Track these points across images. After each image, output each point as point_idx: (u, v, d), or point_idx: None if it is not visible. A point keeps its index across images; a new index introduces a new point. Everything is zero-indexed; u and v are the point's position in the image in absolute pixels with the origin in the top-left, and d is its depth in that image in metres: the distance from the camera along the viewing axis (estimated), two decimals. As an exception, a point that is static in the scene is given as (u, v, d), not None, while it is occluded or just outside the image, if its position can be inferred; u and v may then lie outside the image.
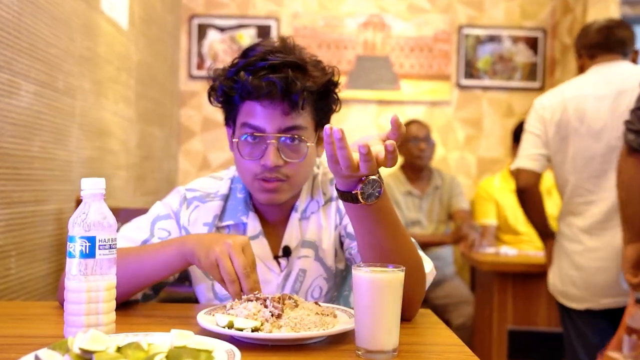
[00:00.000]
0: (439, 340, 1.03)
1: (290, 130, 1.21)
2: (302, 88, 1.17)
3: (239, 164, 1.26)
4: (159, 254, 1.16)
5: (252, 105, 1.20)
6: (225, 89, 1.22)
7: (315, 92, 1.21)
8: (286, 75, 1.16)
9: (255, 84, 1.17)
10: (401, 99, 3.96)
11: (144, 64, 2.98)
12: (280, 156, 1.21)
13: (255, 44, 1.24)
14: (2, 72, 1.60)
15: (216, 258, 1.06)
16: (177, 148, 3.80)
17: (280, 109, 1.19)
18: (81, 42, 2.14)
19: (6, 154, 1.62)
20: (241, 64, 1.21)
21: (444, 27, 3.99)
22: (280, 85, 1.16)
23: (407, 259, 1.07)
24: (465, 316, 3.10)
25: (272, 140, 1.20)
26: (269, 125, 1.20)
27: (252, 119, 1.21)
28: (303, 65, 1.21)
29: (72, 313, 0.91)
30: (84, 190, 0.93)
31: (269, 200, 1.26)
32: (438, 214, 3.39)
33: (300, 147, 1.23)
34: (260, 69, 1.18)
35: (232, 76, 1.21)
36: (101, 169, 2.38)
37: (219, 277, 1.08)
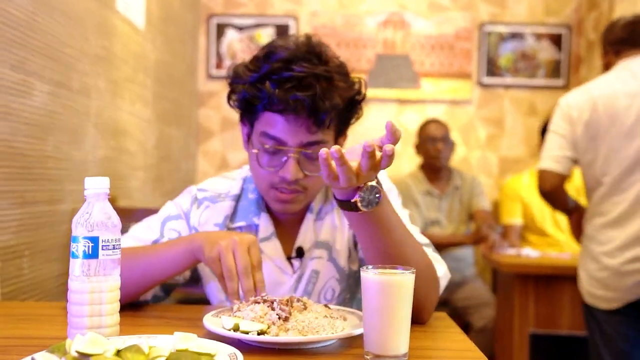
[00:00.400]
0: (452, 345, 1.00)
1: (312, 145, 1.17)
2: (330, 107, 1.13)
3: (255, 170, 1.23)
4: (167, 251, 1.14)
5: (275, 116, 1.16)
6: (248, 96, 1.18)
7: (342, 108, 1.18)
8: (314, 94, 1.12)
9: (281, 98, 1.12)
10: (421, 98, 3.91)
11: (162, 63, 2.98)
12: (301, 169, 1.18)
13: (279, 46, 1.18)
14: (16, 71, 1.60)
15: (219, 252, 1.04)
16: (196, 148, 3.80)
17: (305, 126, 1.15)
18: (96, 42, 2.14)
19: (19, 153, 1.62)
20: (264, 70, 1.16)
21: (465, 25, 3.93)
22: (307, 103, 1.12)
23: (415, 262, 1.04)
24: (486, 319, 3.04)
25: (293, 154, 1.17)
26: (291, 139, 1.16)
27: (273, 130, 1.17)
28: (330, 76, 1.16)
29: (75, 314, 0.89)
30: (88, 190, 0.91)
31: (283, 210, 1.24)
32: (458, 214, 3.34)
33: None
34: (286, 81, 1.13)
35: (256, 83, 1.16)
36: (117, 169, 2.37)
37: (220, 273, 1.05)
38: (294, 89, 1.12)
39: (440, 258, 1.19)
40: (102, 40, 2.19)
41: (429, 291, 1.08)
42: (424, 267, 1.07)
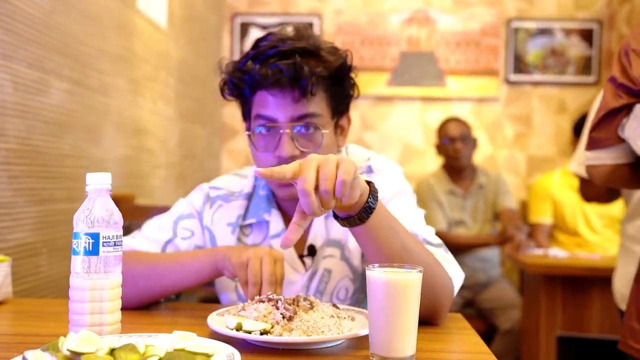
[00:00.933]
0: (465, 348, 0.96)
1: (303, 118, 1.16)
2: (310, 73, 1.13)
3: (255, 158, 1.22)
4: (189, 263, 1.14)
5: (263, 95, 1.16)
6: (234, 81, 1.18)
7: (328, 77, 1.17)
8: (294, 62, 1.12)
9: (262, 73, 1.13)
10: (447, 96, 3.85)
11: (185, 62, 2.98)
12: (296, 146, 1.16)
13: (268, 33, 1.20)
14: (33, 69, 1.60)
15: (248, 258, 1.05)
16: (220, 147, 3.81)
17: (290, 97, 1.14)
18: (116, 41, 2.14)
19: (36, 151, 1.63)
20: (251, 54, 1.17)
21: (492, 21, 3.85)
22: (287, 71, 1.12)
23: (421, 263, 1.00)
24: (512, 321, 2.97)
25: (285, 130, 1.16)
26: (281, 115, 1.16)
27: (263, 110, 1.17)
28: (314, 50, 1.16)
29: (75, 312, 0.88)
30: (89, 186, 0.90)
31: (288, 195, 1.21)
32: (483, 214, 3.27)
33: (315, 135, 1.18)
34: (269, 57, 1.14)
35: (242, 67, 1.17)
36: (137, 168, 2.38)
37: (244, 279, 1.06)
38: (275, 61, 1.13)
39: (452, 259, 1.15)
40: (122, 39, 2.20)
41: (440, 293, 1.05)
42: (432, 269, 1.03)
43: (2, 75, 1.48)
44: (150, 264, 1.15)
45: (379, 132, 3.81)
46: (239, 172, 1.38)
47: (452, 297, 1.08)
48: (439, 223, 3.14)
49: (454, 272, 1.11)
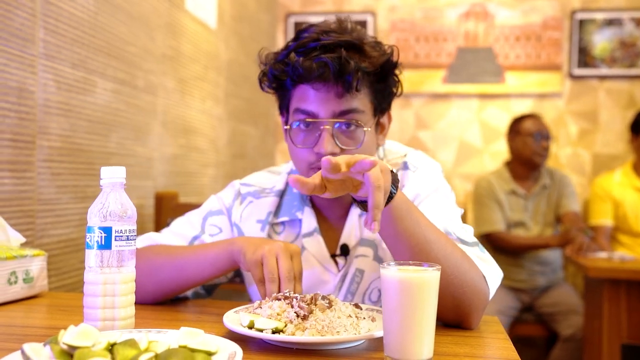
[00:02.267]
0: (492, 353, 0.89)
1: (345, 115, 1.12)
2: (356, 68, 1.09)
3: (293, 153, 1.19)
4: (205, 254, 1.12)
5: (305, 89, 1.13)
6: (275, 73, 1.15)
7: (372, 73, 1.13)
8: (339, 55, 1.08)
9: (306, 66, 1.09)
10: (506, 92, 3.71)
11: (235, 62, 3.00)
12: (336, 143, 1.12)
13: (310, 25, 1.16)
14: (77, 70, 1.64)
15: (262, 255, 1.01)
16: (274, 147, 3.82)
17: (333, 92, 1.11)
18: (163, 41, 2.17)
19: (80, 149, 1.67)
20: (293, 46, 1.14)
21: (554, 13, 3.68)
22: (332, 65, 1.07)
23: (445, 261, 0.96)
24: (575, 327, 2.82)
25: (326, 126, 1.11)
26: (323, 110, 1.12)
27: (304, 104, 1.13)
28: (359, 45, 1.12)
29: (89, 306, 0.88)
30: (103, 180, 0.90)
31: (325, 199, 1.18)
32: (545, 216, 3.12)
33: (356, 132, 1.14)
34: (312, 50, 1.10)
35: (283, 59, 1.13)
36: (185, 166, 2.41)
37: (260, 277, 1.02)
38: (319, 55, 1.09)
39: (489, 257, 1.09)
40: (169, 39, 2.22)
41: (470, 292, 0.99)
42: (459, 265, 0.97)
43: (46, 75, 1.52)
44: (170, 256, 1.14)
45: (435, 131, 3.71)
46: (273, 169, 1.35)
47: (486, 298, 1.01)
48: (497, 223, 3.03)
49: (490, 271, 1.04)
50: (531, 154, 3.05)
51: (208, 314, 1.09)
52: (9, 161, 1.40)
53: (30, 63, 1.46)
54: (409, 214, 0.95)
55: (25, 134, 1.45)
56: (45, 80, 1.51)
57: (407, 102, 3.75)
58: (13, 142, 1.41)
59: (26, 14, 1.44)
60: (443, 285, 0.94)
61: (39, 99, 1.50)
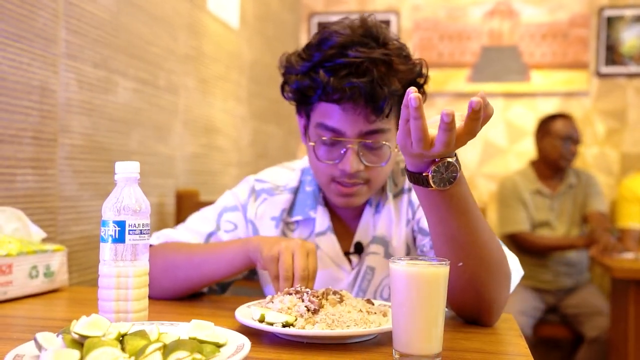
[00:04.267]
0: (504, 349, 0.89)
1: (372, 135, 1.11)
2: (389, 93, 1.06)
3: (314, 164, 1.18)
4: (223, 252, 1.12)
5: (331, 106, 1.10)
6: (301, 87, 1.12)
7: (402, 94, 1.09)
8: (371, 79, 1.05)
9: (336, 87, 1.06)
10: (531, 91, 3.66)
11: (258, 62, 3.02)
12: (361, 161, 1.12)
13: (333, 32, 1.11)
14: (99, 69, 1.67)
15: (279, 252, 1.01)
16: (296, 147, 3.83)
17: (363, 115, 1.08)
18: (185, 41, 2.20)
19: (102, 147, 1.70)
20: (317, 57, 1.10)
21: (581, 10, 3.63)
22: (364, 90, 1.05)
23: (486, 255, 0.93)
24: (600, 329, 2.77)
25: (352, 146, 1.11)
26: (350, 130, 1.10)
27: (329, 121, 1.11)
28: (388, 60, 1.08)
29: (103, 298, 0.89)
30: (118, 174, 0.91)
31: (346, 204, 1.18)
32: (571, 216, 3.06)
33: (382, 150, 1.13)
34: (341, 68, 1.07)
35: (309, 72, 1.10)
36: (207, 165, 2.43)
37: (275, 273, 1.02)
38: (349, 75, 1.06)
39: (511, 253, 1.08)
40: (191, 39, 2.25)
41: (501, 289, 0.98)
42: (496, 261, 0.96)
43: (68, 74, 1.55)
44: (187, 254, 1.15)
45: (459, 130, 3.67)
46: (287, 165, 1.35)
47: (508, 294, 1.01)
48: (521, 223, 2.99)
49: (515, 266, 1.04)
50: (559, 157, 3.00)
51: (221, 309, 1.10)
52: (32, 158, 1.44)
53: (53, 62, 1.49)
54: (468, 196, 0.91)
55: (47, 132, 1.48)
56: (67, 80, 1.54)
57: (431, 101, 3.72)
58: (35, 140, 1.45)
59: (49, 15, 1.47)
60: (469, 278, 0.94)
61: (61, 97, 1.53)
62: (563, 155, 2.99)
